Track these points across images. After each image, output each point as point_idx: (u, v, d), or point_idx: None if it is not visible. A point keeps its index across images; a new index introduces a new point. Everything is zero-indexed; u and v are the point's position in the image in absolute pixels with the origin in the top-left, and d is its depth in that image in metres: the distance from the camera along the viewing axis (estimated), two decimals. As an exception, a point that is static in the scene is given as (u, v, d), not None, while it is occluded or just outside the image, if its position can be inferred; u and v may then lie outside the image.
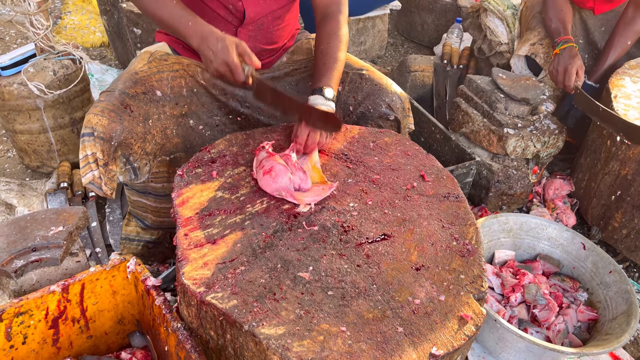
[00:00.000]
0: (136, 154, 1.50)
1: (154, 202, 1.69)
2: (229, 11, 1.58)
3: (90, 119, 1.43)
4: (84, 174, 1.43)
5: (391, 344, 1.00)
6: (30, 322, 1.27)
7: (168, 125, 1.59)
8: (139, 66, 1.60)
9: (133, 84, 1.54)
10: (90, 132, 1.42)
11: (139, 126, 1.50)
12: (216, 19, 1.59)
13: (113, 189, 1.48)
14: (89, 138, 1.41)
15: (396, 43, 3.83)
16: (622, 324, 1.60)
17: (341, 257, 1.17)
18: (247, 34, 1.64)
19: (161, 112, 1.57)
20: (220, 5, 1.57)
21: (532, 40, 2.38)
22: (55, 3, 3.94)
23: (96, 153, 1.41)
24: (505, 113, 2.16)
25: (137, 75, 1.56)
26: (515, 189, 2.24)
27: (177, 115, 1.61)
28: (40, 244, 1.36)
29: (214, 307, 1.05)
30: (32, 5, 2.05)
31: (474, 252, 1.22)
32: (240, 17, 1.60)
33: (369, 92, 1.70)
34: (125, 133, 1.46)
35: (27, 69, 2.12)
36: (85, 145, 1.42)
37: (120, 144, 1.45)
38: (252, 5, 1.58)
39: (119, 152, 1.46)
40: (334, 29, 1.63)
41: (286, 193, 1.31)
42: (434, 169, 1.46)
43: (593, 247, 1.85)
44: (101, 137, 1.41)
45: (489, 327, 1.63)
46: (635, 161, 1.96)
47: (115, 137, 1.44)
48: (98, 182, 1.44)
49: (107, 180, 1.45)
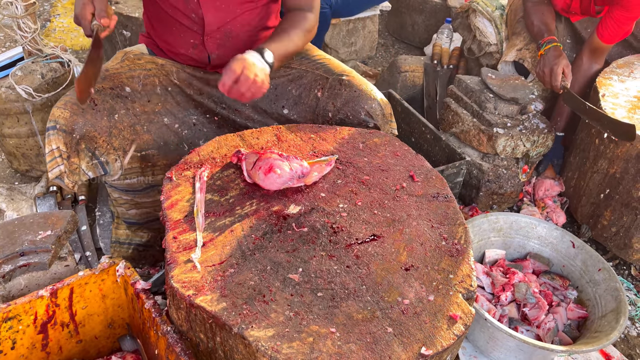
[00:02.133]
0: (102, 147, 1.51)
1: (134, 197, 1.70)
2: (192, 20, 1.59)
3: (54, 112, 1.46)
4: (51, 168, 1.44)
5: (380, 345, 1.01)
6: (19, 327, 1.26)
7: (137, 122, 1.59)
8: (110, 64, 1.63)
9: (101, 79, 1.56)
10: (53, 125, 1.44)
11: (103, 120, 1.51)
12: (182, 29, 1.61)
13: (75, 182, 1.49)
14: (53, 131, 1.43)
15: (387, 44, 3.84)
16: (611, 321, 1.61)
17: (331, 258, 1.17)
18: (214, 43, 1.64)
19: (129, 107, 1.57)
20: (183, 16, 1.58)
21: (518, 45, 2.39)
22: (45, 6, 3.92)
23: (60, 146, 1.42)
24: (495, 113, 2.18)
25: (106, 72, 1.59)
26: (506, 188, 2.25)
27: (149, 112, 1.61)
28: (29, 249, 1.35)
29: (203, 310, 1.04)
30: (20, 9, 2.04)
31: (463, 252, 1.22)
32: (203, 25, 1.60)
33: (348, 98, 1.66)
34: (88, 126, 1.47)
35: (15, 73, 2.11)
36: (51, 140, 1.43)
37: (82, 136, 1.46)
38: (211, 10, 1.57)
39: (82, 146, 1.47)
40: (300, 20, 1.60)
41: (294, 181, 1.33)
42: (423, 169, 1.47)
43: (582, 245, 1.86)
44: (63, 129, 1.43)
45: (479, 327, 1.63)
46: (623, 159, 1.98)
47: (77, 129, 1.45)
48: (64, 177, 1.45)
49: (69, 173, 1.46)
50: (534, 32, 2.28)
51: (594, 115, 2.00)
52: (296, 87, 1.72)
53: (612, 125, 1.94)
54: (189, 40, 1.63)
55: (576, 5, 2.25)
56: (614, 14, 2.08)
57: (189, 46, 1.65)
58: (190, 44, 1.64)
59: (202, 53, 1.66)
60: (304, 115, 1.73)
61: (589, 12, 2.24)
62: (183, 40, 1.63)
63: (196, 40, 1.63)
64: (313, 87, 1.71)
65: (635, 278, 2.12)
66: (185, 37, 1.62)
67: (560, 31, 2.41)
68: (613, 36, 2.15)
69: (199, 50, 1.65)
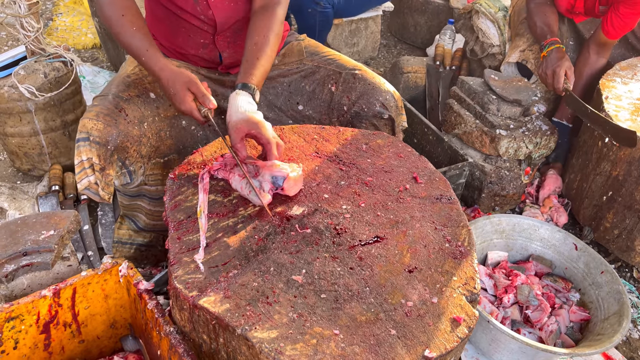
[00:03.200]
0: (132, 157, 1.50)
1: (148, 204, 1.69)
2: (202, 21, 1.58)
3: (86, 124, 1.42)
4: (80, 179, 1.42)
5: (384, 347, 1.00)
6: (22, 327, 1.26)
7: (162, 127, 1.58)
8: (130, 69, 1.60)
9: (126, 87, 1.53)
10: (85, 137, 1.41)
11: (134, 129, 1.49)
12: (192, 30, 1.61)
13: (110, 194, 1.47)
14: (85, 143, 1.41)
15: (389, 44, 3.84)
16: (614, 324, 1.61)
17: (334, 260, 1.17)
18: (225, 41, 1.65)
19: (155, 114, 1.56)
20: (192, 17, 1.58)
21: (521, 46, 2.39)
22: (47, 5, 3.92)
23: (92, 158, 1.41)
24: (498, 114, 2.17)
25: (129, 79, 1.56)
26: (508, 189, 2.25)
27: (170, 117, 1.61)
28: (31, 248, 1.35)
29: (207, 311, 1.04)
30: (23, 8, 2.04)
31: (467, 254, 1.22)
32: (214, 25, 1.60)
33: (363, 91, 1.70)
34: (122, 137, 1.45)
35: (18, 72, 2.11)
36: (81, 151, 1.41)
37: (116, 148, 1.45)
38: (221, 11, 1.57)
39: (115, 157, 1.46)
40: (271, 24, 1.53)
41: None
42: (427, 170, 1.46)
43: (585, 247, 1.86)
44: (97, 141, 1.41)
45: (482, 328, 1.63)
46: (626, 162, 1.97)
47: (111, 141, 1.43)
48: (94, 188, 1.43)
49: (105, 185, 1.45)
50: (537, 34, 2.28)
51: (595, 119, 1.99)
52: (309, 83, 1.75)
53: (613, 130, 1.94)
54: (199, 40, 1.63)
55: (580, 5, 2.26)
56: (619, 11, 2.10)
57: (199, 46, 1.64)
58: (200, 44, 1.64)
59: (212, 52, 1.66)
60: (319, 110, 1.75)
61: (593, 12, 2.24)
62: (193, 40, 1.63)
63: (206, 40, 1.62)
64: (327, 82, 1.73)
65: (637, 281, 2.12)
66: (195, 37, 1.61)
67: (563, 33, 2.41)
68: (618, 32, 2.18)
69: (209, 50, 1.65)
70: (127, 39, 1.42)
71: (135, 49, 1.42)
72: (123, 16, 1.42)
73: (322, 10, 2.63)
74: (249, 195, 1.29)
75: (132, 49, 1.43)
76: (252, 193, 1.27)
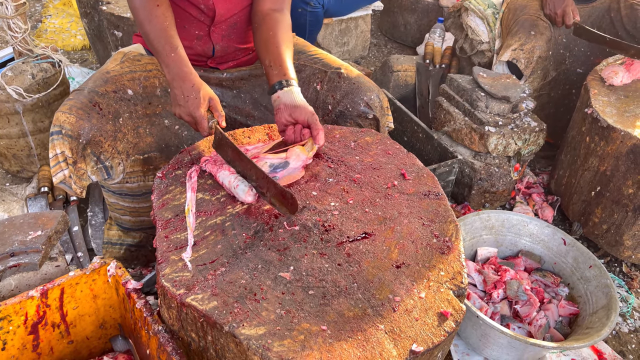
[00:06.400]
0: (107, 152, 1.50)
1: (131, 202, 1.68)
2: (200, 10, 1.58)
3: (59, 117, 1.43)
4: (55, 173, 1.42)
5: (372, 342, 1.01)
6: (9, 328, 1.25)
7: (140, 124, 1.58)
8: (111, 66, 1.60)
9: (103, 82, 1.53)
10: (58, 130, 1.41)
11: (108, 124, 1.49)
12: (188, 20, 1.60)
13: (83, 188, 1.47)
14: (58, 136, 1.41)
15: (379, 43, 3.85)
16: (602, 317, 1.62)
17: (322, 257, 1.17)
18: (220, 33, 1.64)
19: (132, 110, 1.56)
20: (191, 5, 1.57)
21: (513, 45, 2.40)
22: (36, 7, 3.90)
23: (65, 152, 1.40)
24: (486, 111, 2.18)
25: (108, 75, 1.56)
26: (498, 186, 2.26)
27: (151, 115, 1.60)
28: (19, 249, 1.34)
29: (195, 309, 1.04)
30: (10, 9, 2.03)
31: (454, 249, 1.23)
32: (212, 16, 1.59)
33: (347, 90, 1.70)
34: (94, 131, 1.45)
35: (5, 73, 2.10)
36: (55, 144, 1.41)
37: (89, 141, 1.45)
38: (222, 2, 1.58)
39: (88, 150, 1.46)
40: (285, 25, 1.58)
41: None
42: (415, 167, 1.47)
43: (573, 242, 1.88)
44: (69, 134, 1.41)
45: (472, 324, 1.64)
46: (613, 157, 1.99)
47: (83, 134, 1.43)
48: (69, 182, 1.43)
49: (77, 179, 1.44)
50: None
51: (616, 45, 2.20)
52: None
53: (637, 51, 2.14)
54: (194, 31, 1.62)
55: None
56: None
57: (192, 37, 1.64)
58: (194, 35, 1.63)
59: (206, 44, 1.65)
60: None
61: None
62: (187, 31, 1.62)
63: (202, 31, 1.62)
64: (312, 80, 1.73)
65: (626, 275, 2.14)
66: (190, 28, 1.60)
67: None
68: None
69: (203, 42, 1.65)
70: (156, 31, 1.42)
71: (163, 43, 1.41)
72: (158, 6, 1.43)
73: (312, 10, 2.63)
74: (235, 190, 1.29)
75: (159, 42, 1.41)
76: (239, 188, 1.27)
